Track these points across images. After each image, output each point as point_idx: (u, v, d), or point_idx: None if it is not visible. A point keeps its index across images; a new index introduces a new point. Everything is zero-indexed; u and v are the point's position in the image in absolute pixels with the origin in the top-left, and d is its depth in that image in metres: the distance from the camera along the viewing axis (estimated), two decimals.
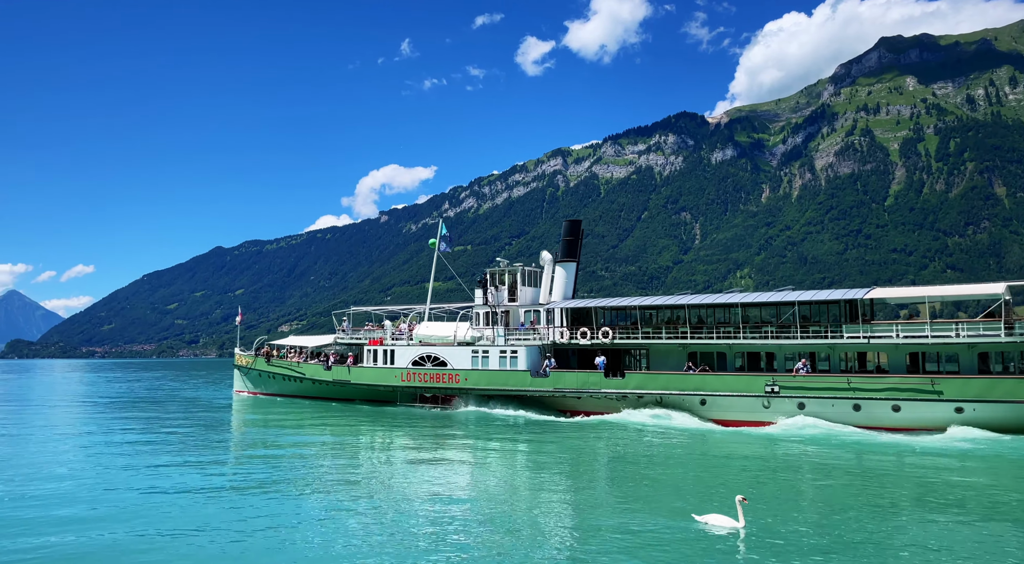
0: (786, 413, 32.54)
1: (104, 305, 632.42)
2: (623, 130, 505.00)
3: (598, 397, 36.93)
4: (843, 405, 31.31)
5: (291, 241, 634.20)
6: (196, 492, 19.43)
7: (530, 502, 18.53)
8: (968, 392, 29.48)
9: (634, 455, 26.84)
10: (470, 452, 27.46)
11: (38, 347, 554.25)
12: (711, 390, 34.16)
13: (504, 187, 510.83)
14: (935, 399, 29.77)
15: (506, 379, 39.42)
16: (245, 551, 14.03)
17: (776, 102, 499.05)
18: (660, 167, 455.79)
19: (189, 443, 29.91)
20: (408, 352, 43.23)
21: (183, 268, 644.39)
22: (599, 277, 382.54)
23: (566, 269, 43.14)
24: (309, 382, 47.70)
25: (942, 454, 25.59)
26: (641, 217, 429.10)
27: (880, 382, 31.15)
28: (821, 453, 26.61)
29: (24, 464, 24.32)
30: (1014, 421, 28.77)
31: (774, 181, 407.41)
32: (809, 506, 17.90)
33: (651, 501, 18.60)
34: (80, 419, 41.31)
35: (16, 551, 13.87)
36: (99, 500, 18.46)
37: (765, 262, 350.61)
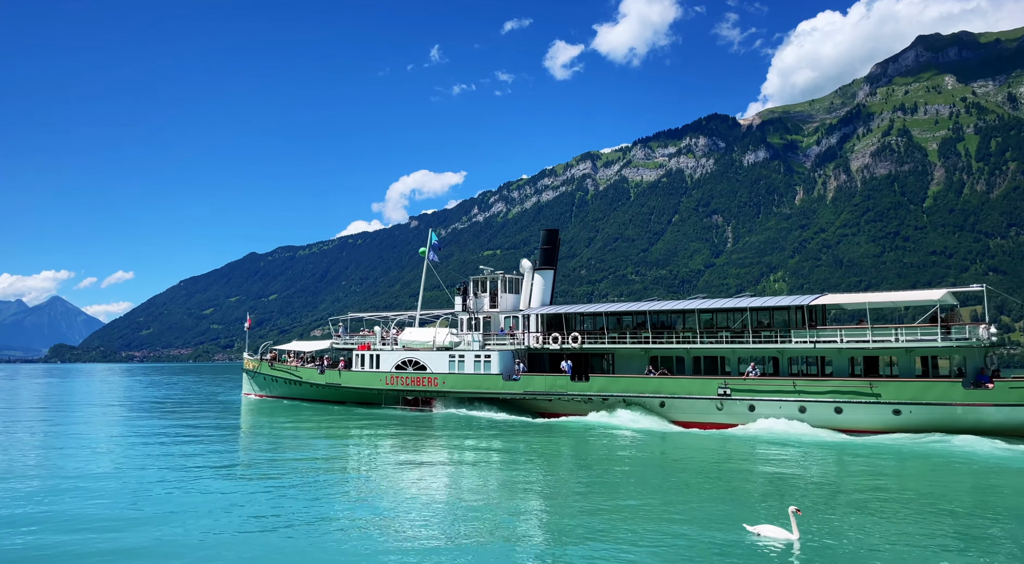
0: (737, 415, 33.65)
1: (143, 310, 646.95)
2: (653, 133, 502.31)
3: (566, 399, 38.29)
4: (790, 407, 32.48)
5: (323, 247, 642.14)
6: (188, 487, 20.32)
7: (554, 509, 18.17)
8: (904, 395, 30.33)
9: (593, 456, 27.38)
10: (446, 452, 28.47)
11: (80, 351, 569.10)
12: (669, 393, 35.60)
13: (533, 191, 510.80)
14: (874, 402, 30.74)
15: (480, 382, 41.03)
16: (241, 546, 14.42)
17: (810, 103, 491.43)
18: (691, 170, 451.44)
19: (191, 444, 31.06)
20: (392, 357, 45.04)
21: (218, 274, 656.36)
22: (629, 281, 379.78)
23: (544, 277, 44.67)
24: (307, 385, 49.27)
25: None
26: (672, 220, 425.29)
27: (823, 385, 32.17)
28: (823, 457, 26.80)
29: (63, 462, 25.41)
30: (948, 423, 29.36)
31: (808, 183, 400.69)
32: (855, 517, 17.20)
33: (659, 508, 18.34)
34: (102, 420, 42.90)
35: (57, 543, 14.44)
36: (105, 494, 19.39)
37: (799, 265, 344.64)
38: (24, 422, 39.68)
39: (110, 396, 68.37)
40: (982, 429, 29.05)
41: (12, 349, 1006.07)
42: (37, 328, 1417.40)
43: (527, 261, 45.92)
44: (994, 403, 28.99)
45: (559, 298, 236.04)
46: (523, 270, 45.49)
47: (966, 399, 29.35)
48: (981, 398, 29.23)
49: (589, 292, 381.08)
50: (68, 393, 75.09)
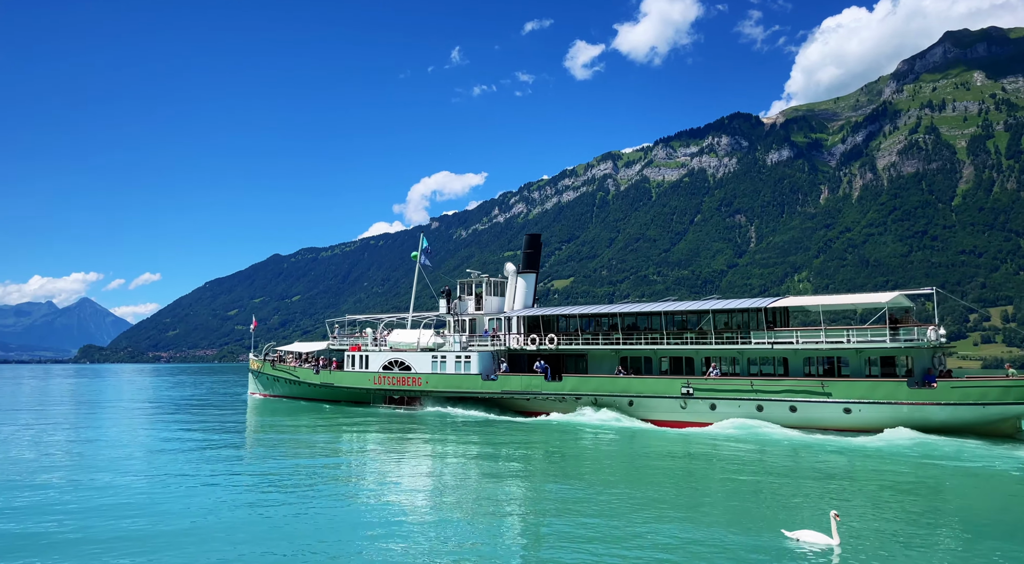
0: (700, 413, 34.85)
1: (169, 312, 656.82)
2: (675, 132, 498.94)
3: (541, 398, 39.67)
4: (748, 406, 33.70)
5: (345, 248, 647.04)
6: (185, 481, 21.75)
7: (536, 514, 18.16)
8: (853, 394, 31.49)
9: (567, 454, 28.26)
10: (430, 446, 29.94)
11: (108, 352, 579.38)
12: (636, 392, 36.92)
13: (554, 192, 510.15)
14: (825, 401, 31.94)
15: (460, 382, 42.51)
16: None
17: (835, 101, 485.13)
18: (713, 169, 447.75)
19: (197, 439, 32.73)
20: (379, 358, 46.59)
21: (242, 275, 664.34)
22: (651, 281, 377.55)
23: (526, 280, 45.87)
24: (304, 385, 51.17)
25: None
26: (694, 220, 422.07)
27: (778, 384, 33.35)
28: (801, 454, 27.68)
29: (84, 456, 26.91)
30: (895, 421, 30.48)
31: (833, 182, 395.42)
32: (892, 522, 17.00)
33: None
34: (127, 418, 44.63)
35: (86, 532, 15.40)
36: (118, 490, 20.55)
37: (824, 265, 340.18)
38: (56, 420, 41.31)
39: (137, 395, 70.82)
40: (928, 427, 30.24)
41: (43, 350, 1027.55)
42: (67, 329, 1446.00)
43: (511, 265, 46.95)
44: (937, 402, 30.08)
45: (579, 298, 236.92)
46: (507, 274, 46.61)
47: (911, 398, 30.50)
48: (925, 397, 30.30)
49: (610, 293, 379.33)
50: (97, 393, 77.16)
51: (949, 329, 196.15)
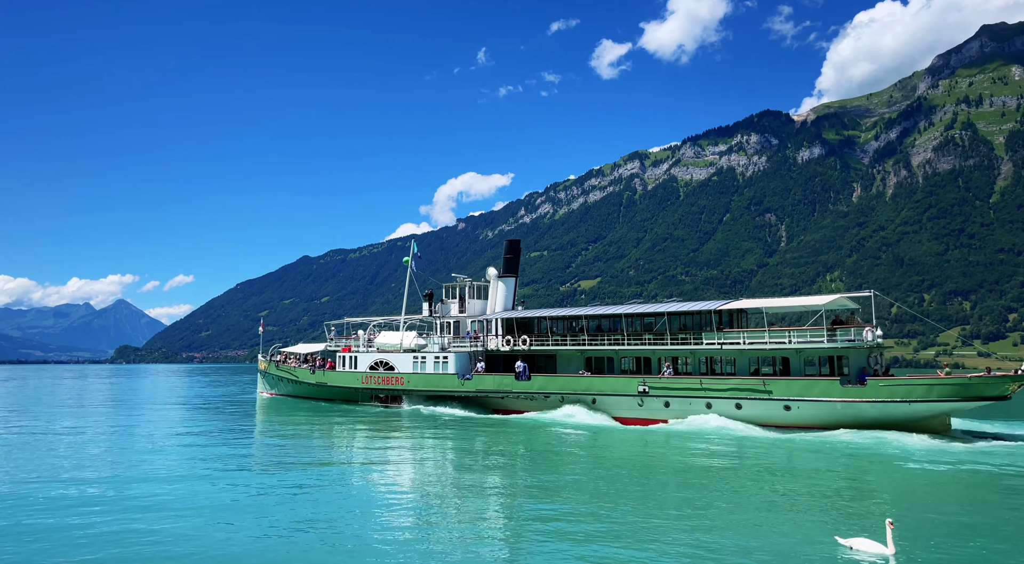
0: (655, 411, 36.49)
1: (202, 313, 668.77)
2: (703, 131, 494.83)
3: (513, 397, 41.40)
4: (699, 403, 35.32)
5: (373, 249, 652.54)
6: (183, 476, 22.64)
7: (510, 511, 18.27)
8: (792, 392, 33.08)
9: (527, 450, 28.87)
10: (412, 441, 31.19)
11: (143, 353, 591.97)
12: (597, 391, 38.62)
13: (580, 192, 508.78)
14: (768, 398, 33.50)
15: (439, 381, 44.52)
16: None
17: (868, 97, 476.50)
18: (742, 168, 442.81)
19: (202, 435, 34.89)
20: (366, 358, 48.75)
21: (273, 277, 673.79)
22: (679, 281, 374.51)
23: (506, 284, 47.71)
24: (303, 384, 53.79)
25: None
26: (723, 219, 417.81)
27: (725, 383, 34.94)
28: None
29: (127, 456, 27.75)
30: (830, 418, 32.19)
31: (866, 179, 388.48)
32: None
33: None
34: (158, 415, 46.90)
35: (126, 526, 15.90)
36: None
37: (857, 264, 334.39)
38: (94, 418, 43.61)
39: (162, 395, 74.05)
40: (860, 424, 31.72)
41: (81, 350, 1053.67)
42: (103, 330, 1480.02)
43: (492, 269, 48.61)
44: (868, 399, 31.74)
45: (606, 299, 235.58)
46: (489, 277, 48.41)
47: (844, 395, 31.95)
48: (856, 395, 31.99)
49: (638, 293, 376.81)
50: (128, 392, 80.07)
51: (987, 329, 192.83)
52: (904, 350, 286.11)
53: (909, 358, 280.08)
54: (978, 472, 23.17)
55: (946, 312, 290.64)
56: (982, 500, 19.47)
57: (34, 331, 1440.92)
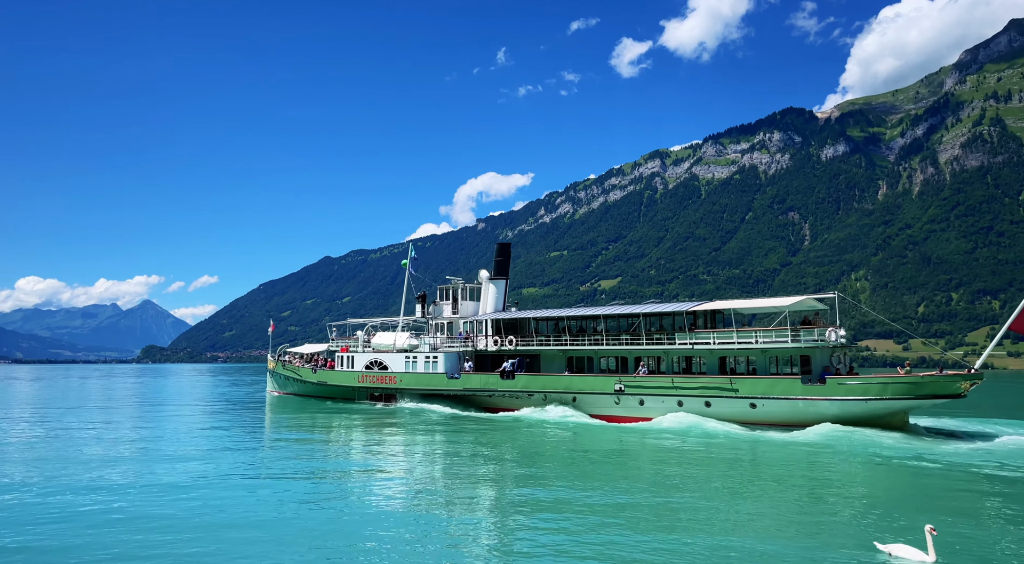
0: (631, 408, 37.55)
1: (226, 313, 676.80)
2: (724, 129, 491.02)
3: (499, 395, 42.53)
4: (670, 401, 36.43)
5: (393, 250, 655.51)
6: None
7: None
8: (757, 390, 34.20)
9: (504, 447, 29.51)
10: (401, 437, 32.31)
11: (168, 352, 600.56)
12: (577, 389, 39.81)
13: (600, 191, 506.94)
14: (734, 396, 34.62)
15: (429, 380, 45.92)
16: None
17: (893, 93, 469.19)
18: (765, 166, 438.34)
19: (220, 430, 36.94)
20: (363, 358, 50.27)
21: (295, 277, 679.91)
22: (700, 281, 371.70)
23: (496, 285, 48.93)
24: (307, 383, 55.69)
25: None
26: (745, 218, 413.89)
27: (695, 382, 36.08)
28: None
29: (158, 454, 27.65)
30: (793, 415, 33.28)
31: (892, 177, 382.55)
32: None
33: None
34: (157, 415, 47.72)
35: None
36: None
37: (883, 263, 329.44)
38: (121, 417, 44.91)
39: (182, 393, 76.25)
40: (822, 420, 32.73)
41: (108, 350, 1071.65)
42: (130, 330, 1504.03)
43: (484, 272, 49.93)
44: (827, 397, 32.96)
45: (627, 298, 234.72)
46: (481, 280, 49.66)
47: (805, 393, 33.05)
48: (817, 392, 32.78)
49: (659, 292, 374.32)
50: (155, 391, 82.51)
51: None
52: (932, 350, 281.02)
53: (936, 358, 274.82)
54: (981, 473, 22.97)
55: (975, 311, 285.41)
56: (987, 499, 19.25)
57: (63, 331, 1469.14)
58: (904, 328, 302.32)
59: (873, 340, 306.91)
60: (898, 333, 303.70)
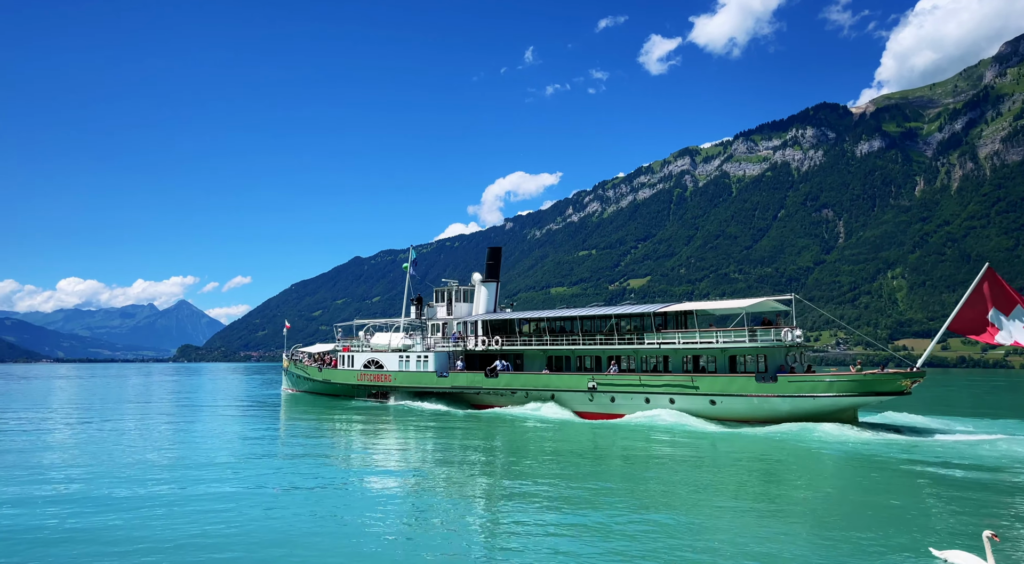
0: (604, 406, 39.28)
1: (259, 313, 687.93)
2: (756, 125, 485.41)
3: (484, 393, 44.46)
4: (639, 399, 38.26)
5: (422, 250, 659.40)
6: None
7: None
8: (715, 388, 35.83)
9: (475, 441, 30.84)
10: (391, 432, 34.31)
11: (203, 351, 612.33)
12: (555, 387, 41.66)
13: (629, 190, 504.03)
14: (695, 393, 36.29)
15: (420, 379, 48.00)
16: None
17: (931, 87, 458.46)
18: (798, 162, 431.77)
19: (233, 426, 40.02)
20: (361, 357, 52.46)
21: (326, 278, 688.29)
22: (732, 279, 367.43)
23: (488, 288, 51.16)
24: (315, 381, 58.16)
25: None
26: (777, 216, 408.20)
27: (660, 380, 37.73)
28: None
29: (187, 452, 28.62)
30: (749, 411, 34.79)
31: (929, 173, 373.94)
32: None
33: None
34: (182, 413, 50.68)
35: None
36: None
37: (921, 261, 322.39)
38: (149, 413, 47.27)
39: (216, 392, 79.30)
40: (776, 417, 34.17)
41: (145, 349, 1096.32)
42: (166, 330, 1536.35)
43: (478, 274, 51.86)
44: (779, 394, 33.97)
45: (656, 298, 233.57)
46: (474, 282, 51.70)
47: (759, 391, 34.50)
48: (769, 390, 34.20)
49: (689, 291, 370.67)
50: (186, 389, 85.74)
51: None
52: (971, 349, 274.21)
53: (976, 357, 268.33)
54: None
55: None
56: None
57: (102, 331, 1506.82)
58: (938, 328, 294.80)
59: (910, 340, 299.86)
60: (936, 332, 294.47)
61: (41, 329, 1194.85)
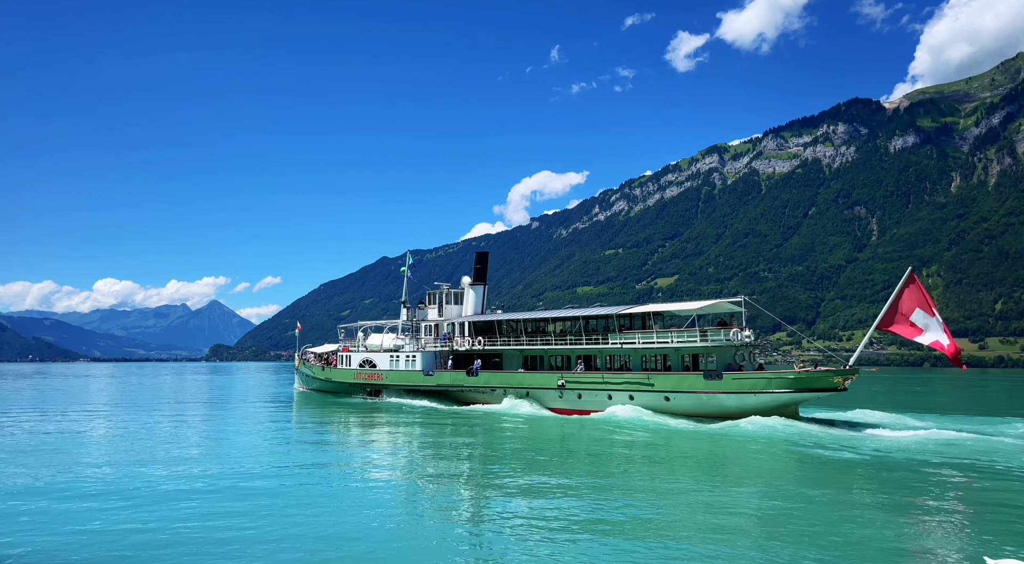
0: (573, 402, 41.49)
1: (288, 312, 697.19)
2: (786, 122, 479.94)
3: (467, 390, 46.97)
4: (602, 395, 40.50)
5: (448, 250, 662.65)
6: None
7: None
8: (668, 385, 38.04)
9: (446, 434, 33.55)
10: (379, 426, 36.13)
11: (235, 351, 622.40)
12: (529, 385, 43.98)
13: (656, 188, 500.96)
14: (651, 390, 38.48)
15: (409, 377, 50.85)
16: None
17: (967, 81, 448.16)
18: (829, 159, 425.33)
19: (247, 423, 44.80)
20: (357, 357, 55.53)
21: (353, 278, 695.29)
22: (761, 278, 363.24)
23: (475, 291, 53.83)
24: (320, 380, 60.16)
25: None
26: (808, 213, 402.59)
27: (620, 377, 40.01)
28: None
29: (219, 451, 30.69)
30: (700, 407, 36.87)
31: (966, 168, 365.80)
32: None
33: None
34: (204, 410, 52.97)
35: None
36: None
37: (957, 258, 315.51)
38: (191, 413, 46.99)
39: (239, 390, 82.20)
40: (725, 413, 35.93)
41: (178, 349, 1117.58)
42: (199, 329, 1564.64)
43: (467, 278, 54.56)
44: (724, 391, 36.00)
45: (683, 297, 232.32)
46: (463, 285, 54.35)
47: (706, 388, 36.56)
48: (715, 387, 36.24)
49: (717, 290, 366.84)
50: (218, 388, 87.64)
51: None
52: (1011, 349, 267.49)
53: (1016, 357, 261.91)
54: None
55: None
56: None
57: (137, 331, 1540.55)
58: (981, 325, 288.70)
59: None
60: (974, 331, 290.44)
61: (79, 329, 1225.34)
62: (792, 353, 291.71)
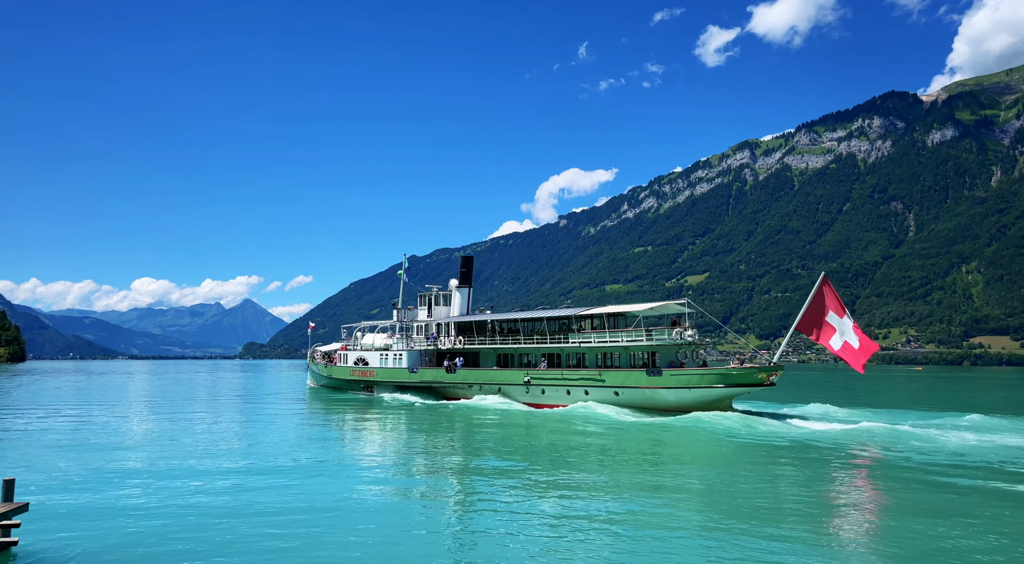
0: (538, 397, 44.69)
1: (319, 311, 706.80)
2: (819, 116, 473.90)
3: (447, 386, 50.36)
4: (561, 390, 43.72)
5: (476, 248, 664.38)
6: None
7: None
8: (617, 381, 41.19)
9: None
10: (378, 419, 38.65)
11: (267, 348, 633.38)
12: (500, 381, 47.20)
13: (686, 184, 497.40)
14: (603, 385, 41.76)
15: (395, 374, 54.45)
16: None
17: (1007, 72, 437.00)
18: (864, 154, 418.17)
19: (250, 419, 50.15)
20: (353, 355, 59.23)
21: (383, 276, 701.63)
22: (794, 275, 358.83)
23: (461, 293, 57.40)
24: (325, 377, 63.87)
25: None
26: (842, 209, 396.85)
27: (577, 374, 43.29)
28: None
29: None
30: (645, 401, 39.90)
31: (1007, 162, 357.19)
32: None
33: None
34: (235, 405, 57.03)
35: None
36: None
37: (998, 254, 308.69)
38: (226, 410, 48.94)
39: (264, 386, 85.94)
40: (667, 407, 38.85)
41: (213, 346, 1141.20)
42: (232, 328, 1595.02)
43: (455, 280, 57.80)
44: (664, 386, 39.03)
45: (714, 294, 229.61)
46: (451, 288, 57.71)
47: (649, 384, 39.61)
48: (656, 383, 39.33)
49: (749, 288, 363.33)
50: (245, 383, 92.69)
51: None
52: None
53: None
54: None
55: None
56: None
57: (173, 329, 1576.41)
58: (1023, 323, 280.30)
59: (987, 337, 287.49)
60: (1016, 329, 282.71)
61: (117, 327, 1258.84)
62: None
